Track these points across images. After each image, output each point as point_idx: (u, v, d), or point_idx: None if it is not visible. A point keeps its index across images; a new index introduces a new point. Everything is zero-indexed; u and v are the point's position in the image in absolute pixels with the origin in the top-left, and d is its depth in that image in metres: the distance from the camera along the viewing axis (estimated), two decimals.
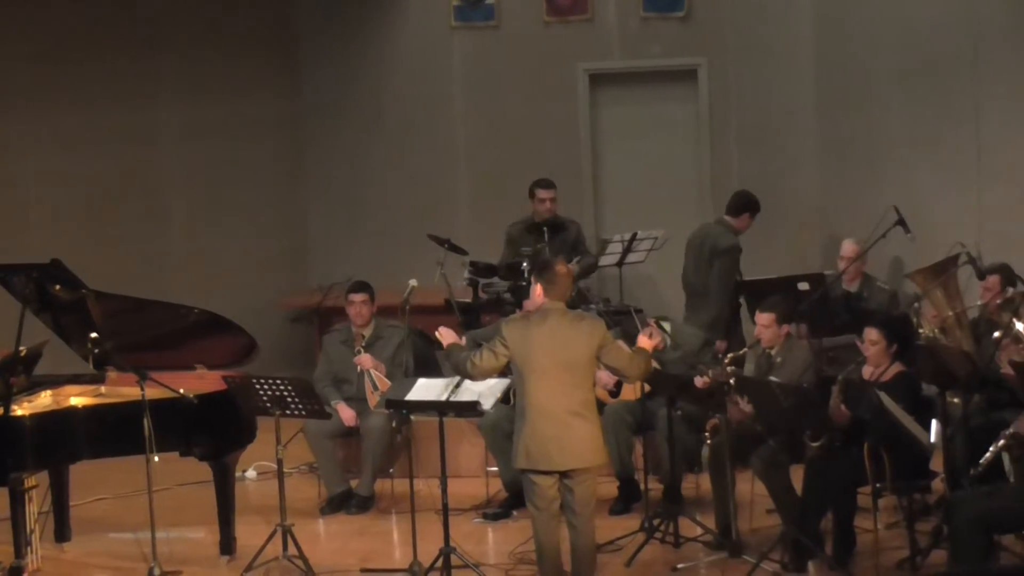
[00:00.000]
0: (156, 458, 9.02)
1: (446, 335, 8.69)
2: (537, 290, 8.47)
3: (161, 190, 14.19)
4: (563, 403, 8.26)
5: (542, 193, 12.46)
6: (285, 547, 9.31)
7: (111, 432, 9.31)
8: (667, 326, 10.50)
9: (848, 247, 11.55)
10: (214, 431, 9.57)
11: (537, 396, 8.28)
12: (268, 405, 9.34)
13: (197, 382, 9.68)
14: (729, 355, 9.95)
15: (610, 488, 10.41)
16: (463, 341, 8.85)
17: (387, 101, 14.71)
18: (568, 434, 8.25)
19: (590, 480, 8.38)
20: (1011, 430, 8.36)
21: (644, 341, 8.69)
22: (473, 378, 8.57)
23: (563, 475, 8.33)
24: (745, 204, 12.20)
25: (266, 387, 9.33)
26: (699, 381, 9.68)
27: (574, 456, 8.27)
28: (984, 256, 10.99)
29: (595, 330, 8.39)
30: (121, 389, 9.61)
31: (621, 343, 8.99)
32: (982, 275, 10.39)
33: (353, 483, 10.88)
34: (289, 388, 9.34)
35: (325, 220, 14.92)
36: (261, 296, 14.07)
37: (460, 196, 14.68)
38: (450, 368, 8.79)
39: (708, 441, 9.76)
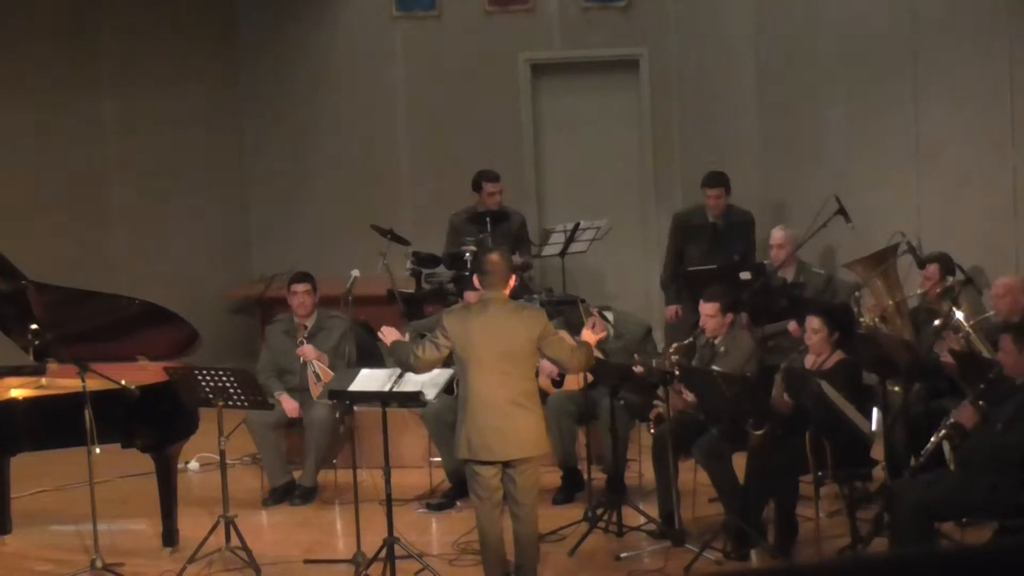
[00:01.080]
0: (98, 450, 8.97)
1: (388, 334, 8.69)
2: (475, 281, 8.49)
3: (101, 181, 14.10)
4: (504, 393, 8.26)
5: (489, 187, 12.44)
6: (228, 538, 9.28)
7: (52, 424, 9.26)
8: (610, 316, 10.54)
9: (778, 235, 11.58)
10: (156, 422, 9.52)
11: (478, 387, 8.29)
12: (210, 396, 9.30)
13: (139, 373, 9.63)
14: (674, 345, 9.99)
15: (553, 478, 10.43)
16: (406, 336, 8.83)
17: (328, 91, 14.68)
18: (509, 424, 8.26)
19: (532, 470, 8.39)
20: (951, 419, 8.42)
21: (588, 335, 8.71)
22: (417, 371, 8.56)
23: (505, 465, 8.33)
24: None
25: (208, 378, 9.29)
26: (636, 368, 9.71)
27: (515, 446, 8.28)
28: (923, 245, 11.07)
29: (535, 321, 8.39)
30: (62, 381, 9.57)
31: (564, 334, 9.00)
32: (922, 264, 10.46)
33: (296, 474, 10.86)
34: (231, 379, 9.30)
35: (267, 210, 14.87)
36: (203, 287, 14.03)
37: (402, 186, 14.66)
38: (395, 364, 8.77)
39: (651, 431, 9.79)
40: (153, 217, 14.28)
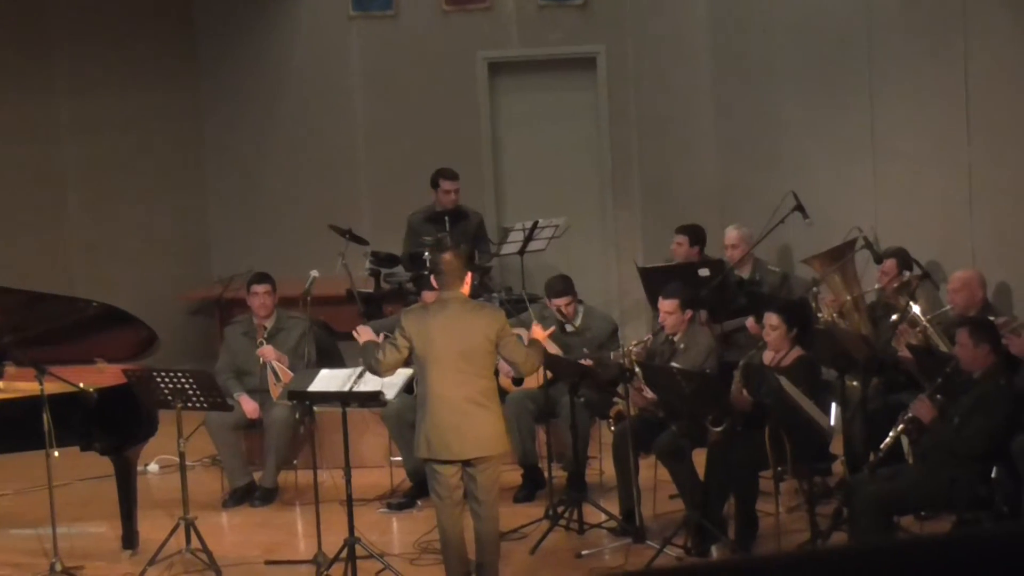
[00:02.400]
0: (56, 453, 8.94)
1: (363, 333, 8.72)
2: (432, 281, 8.51)
3: (58, 182, 14.04)
4: (463, 392, 8.27)
5: (447, 184, 12.44)
6: (188, 540, 9.26)
7: (10, 427, 9.21)
8: (581, 309, 10.53)
9: (732, 235, 11.61)
10: (115, 425, 9.49)
11: (437, 385, 8.29)
12: (169, 398, 9.28)
13: (97, 376, 9.59)
14: (634, 342, 10.02)
15: (514, 476, 10.44)
16: (380, 337, 8.83)
17: (286, 92, 14.65)
18: (468, 423, 8.27)
19: (492, 468, 8.40)
20: (910, 414, 8.46)
21: (537, 331, 8.74)
22: (382, 375, 8.56)
23: (465, 463, 8.34)
24: None
25: (167, 380, 9.27)
26: (585, 361, 9.74)
27: (475, 445, 8.29)
28: (880, 240, 11.12)
29: (494, 320, 8.40)
30: (20, 384, 9.52)
31: (522, 332, 9.01)
32: (879, 259, 10.51)
33: (256, 475, 10.84)
34: (190, 381, 9.28)
35: (225, 211, 14.84)
36: (161, 289, 13.98)
37: (360, 186, 14.64)
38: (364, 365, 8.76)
39: (612, 428, 9.81)
40: (111, 219, 14.22)
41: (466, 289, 8.49)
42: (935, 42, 11.13)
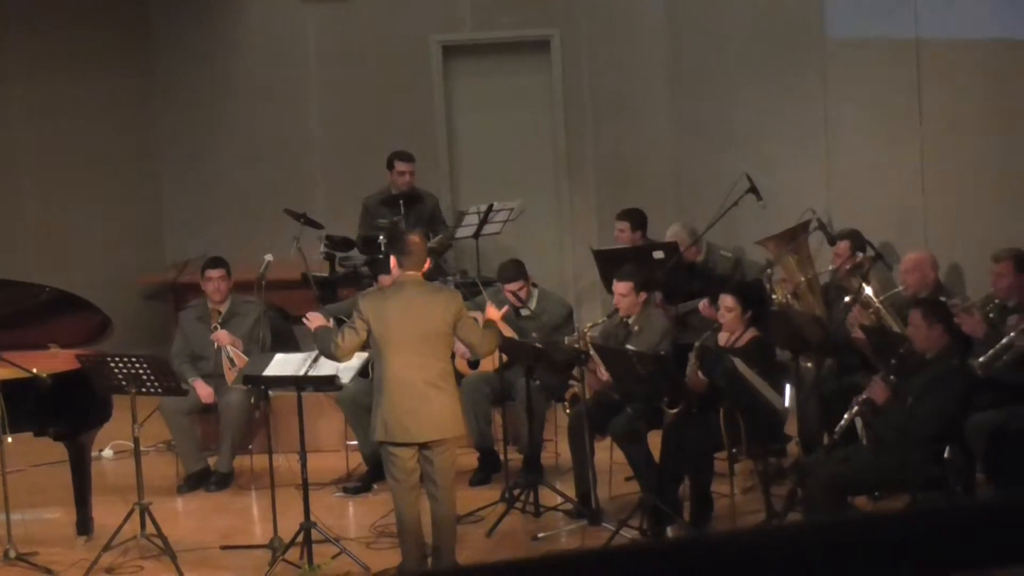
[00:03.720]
0: (10, 439, 8.91)
1: (313, 319, 8.71)
2: (392, 263, 8.49)
3: (10, 167, 13.93)
4: (421, 375, 8.27)
5: (401, 166, 12.43)
6: (143, 526, 9.22)
7: None
8: (535, 292, 10.54)
9: (673, 233, 11.61)
10: (69, 410, 9.45)
11: (394, 368, 8.29)
12: (123, 383, 9.24)
13: (50, 361, 9.55)
14: (589, 324, 10.03)
15: (470, 459, 10.44)
16: (330, 322, 8.81)
17: (240, 75, 14.59)
18: (426, 406, 8.27)
19: (449, 451, 8.41)
20: (864, 396, 8.50)
21: (492, 312, 8.75)
22: (339, 359, 8.55)
23: (422, 447, 8.34)
24: None
25: (121, 365, 9.23)
26: (539, 344, 9.76)
27: (432, 427, 8.30)
28: (834, 222, 11.16)
29: (451, 302, 8.41)
30: None
31: (477, 315, 9.02)
32: (832, 241, 10.54)
33: (211, 460, 10.81)
34: (144, 366, 9.25)
35: (179, 196, 14.78)
36: (115, 273, 13.91)
37: (315, 170, 14.60)
38: (319, 351, 8.74)
39: (567, 411, 9.82)
40: (64, 204, 14.13)
41: (421, 273, 8.50)
42: (887, 24, 11.16)
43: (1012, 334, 8.80)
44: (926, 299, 9.17)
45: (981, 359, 8.76)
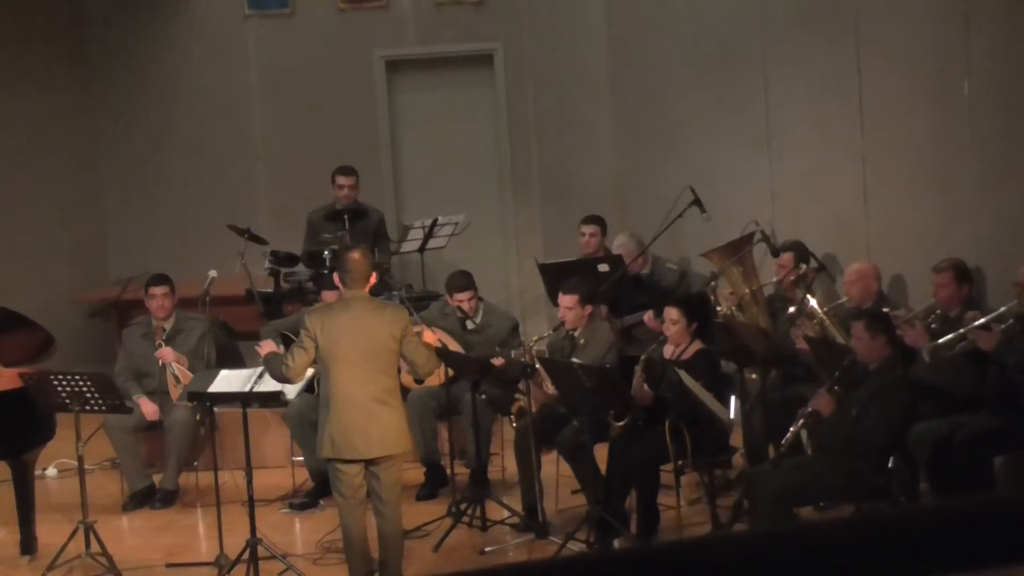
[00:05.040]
0: None
1: (265, 346, 8.73)
2: (336, 280, 8.50)
3: None
4: (367, 391, 8.26)
5: (340, 180, 12.43)
6: (88, 544, 9.18)
7: None
8: (481, 307, 10.55)
9: (621, 245, 11.66)
10: (11, 429, 9.39)
11: (341, 385, 8.28)
12: (67, 401, 9.20)
13: None
14: (535, 338, 10.04)
15: (416, 474, 10.43)
16: (281, 349, 8.80)
17: (182, 91, 14.55)
18: (372, 422, 8.26)
19: (395, 467, 8.41)
20: (809, 408, 8.54)
21: (429, 336, 8.77)
22: (293, 380, 8.54)
23: (369, 462, 8.33)
24: None
25: (64, 383, 9.18)
26: (496, 361, 9.76)
27: (379, 444, 8.29)
28: (777, 234, 11.22)
29: (398, 318, 8.42)
30: None
31: (424, 330, 9.02)
32: (776, 252, 10.59)
33: (156, 477, 10.76)
34: (88, 383, 9.20)
35: (122, 212, 14.71)
36: (58, 291, 13.83)
37: (259, 185, 14.57)
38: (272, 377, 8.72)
39: (514, 424, 9.82)
40: (4, 221, 14.04)
41: (367, 289, 8.49)
42: (828, 36, 11.23)
43: (965, 327, 8.85)
44: (869, 311, 9.23)
45: (931, 345, 8.81)
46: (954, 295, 9.30)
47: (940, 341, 8.88)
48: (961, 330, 8.87)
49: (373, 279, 8.55)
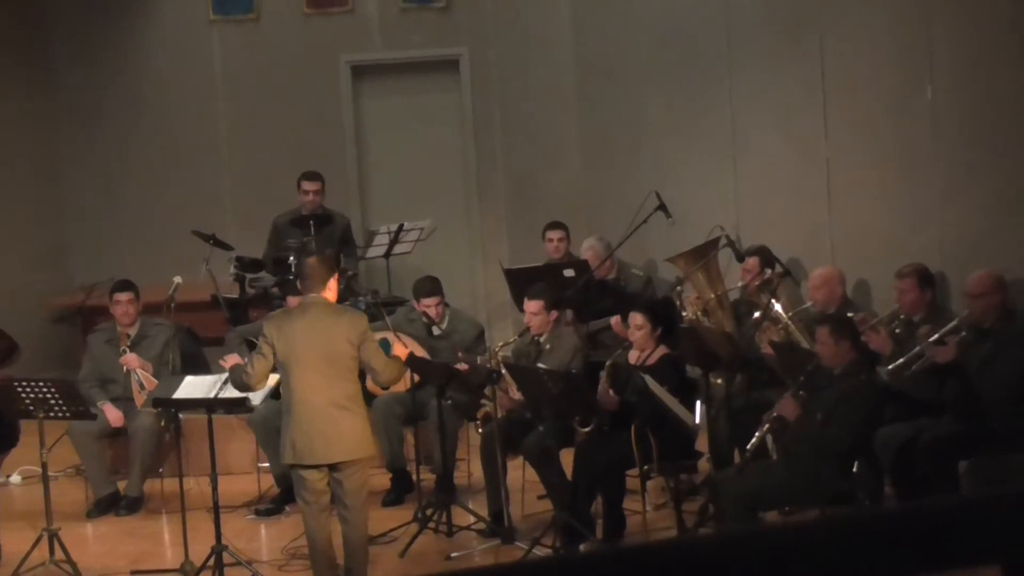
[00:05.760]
0: None
1: (230, 359, 8.75)
2: (297, 285, 8.51)
3: None
4: (326, 396, 8.25)
5: (306, 185, 12.42)
6: (52, 552, 9.13)
7: None
8: (447, 314, 10.55)
9: (588, 249, 11.67)
10: None
11: (300, 390, 8.27)
12: (31, 408, 9.16)
13: None
14: (500, 343, 10.04)
15: (382, 480, 10.42)
16: (245, 362, 8.81)
17: (147, 96, 14.50)
18: (333, 427, 8.25)
19: (359, 472, 8.39)
20: (774, 412, 8.56)
21: (399, 349, 8.77)
22: (255, 388, 8.52)
23: (332, 468, 8.32)
24: None
25: (28, 389, 9.15)
26: (460, 365, 9.76)
27: (340, 449, 8.28)
28: (742, 239, 11.25)
29: (356, 323, 8.40)
30: None
31: (388, 335, 9.00)
32: (741, 257, 10.61)
33: (121, 484, 10.72)
34: (52, 390, 9.17)
35: (86, 218, 14.66)
36: (21, 297, 13.77)
37: (224, 191, 14.54)
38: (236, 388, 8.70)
39: (479, 430, 9.82)
40: None
41: (330, 294, 8.47)
42: (792, 41, 11.27)
43: (921, 345, 8.89)
44: (833, 315, 9.25)
45: (890, 367, 8.85)
46: (917, 300, 9.33)
47: (898, 362, 8.89)
48: (917, 348, 8.90)
49: (333, 282, 8.52)
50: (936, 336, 8.87)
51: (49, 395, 9.16)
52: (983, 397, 8.70)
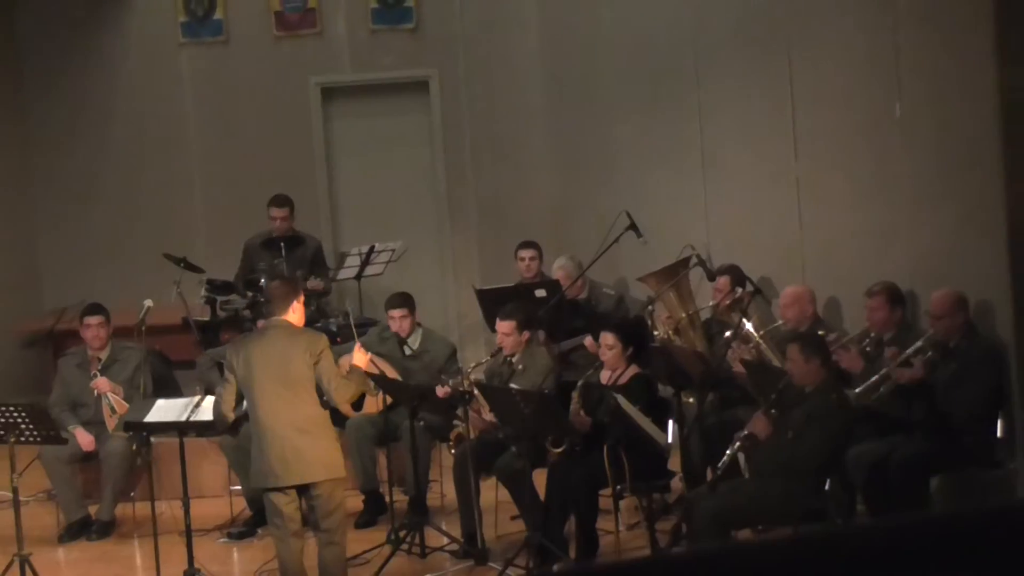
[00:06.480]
0: None
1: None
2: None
3: None
4: (286, 419, 8.26)
5: (273, 211, 12.43)
6: None
7: None
8: (418, 334, 10.56)
9: (560, 268, 11.68)
10: None
11: (260, 414, 8.29)
12: (1, 432, 9.12)
13: None
14: (472, 364, 10.04)
15: (355, 502, 10.39)
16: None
17: (117, 120, 14.47)
18: (292, 451, 8.27)
19: (328, 494, 8.38)
20: (746, 431, 8.57)
21: (358, 357, 8.74)
22: (228, 416, 8.50)
23: (303, 492, 8.31)
24: None
25: None
26: (440, 391, 9.75)
27: (300, 471, 8.28)
28: (713, 257, 11.27)
29: (312, 344, 8.38)
30: None
31: (346, 359, 8.97)
32: (712, 276, 10.64)
33: (93, 508, 10.68)
34: (23, 414, 9.14)
35: (56, 242, 14.61)
36: None
37: (195, 214, 14.51)
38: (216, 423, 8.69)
39: (452, 451, 9.82)
40: None
41: (295, 316, 8.46)
42: (761, 60, 11.30)
43: (887, 368, 8.92)
44: (803, 334, 9.27)
45: (858, 390, 8.88)
46: (887, 318, 9.36)
47: (867, 383, 8.92)
48: (884, 370, 8.93)
49: (298, 304, 8.51)
50: (902, 357, 8.91)
51: (20, 420, 9.12)
52: (952, 414, 8.74)
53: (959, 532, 2.54)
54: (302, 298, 8.63)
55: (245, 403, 8.67)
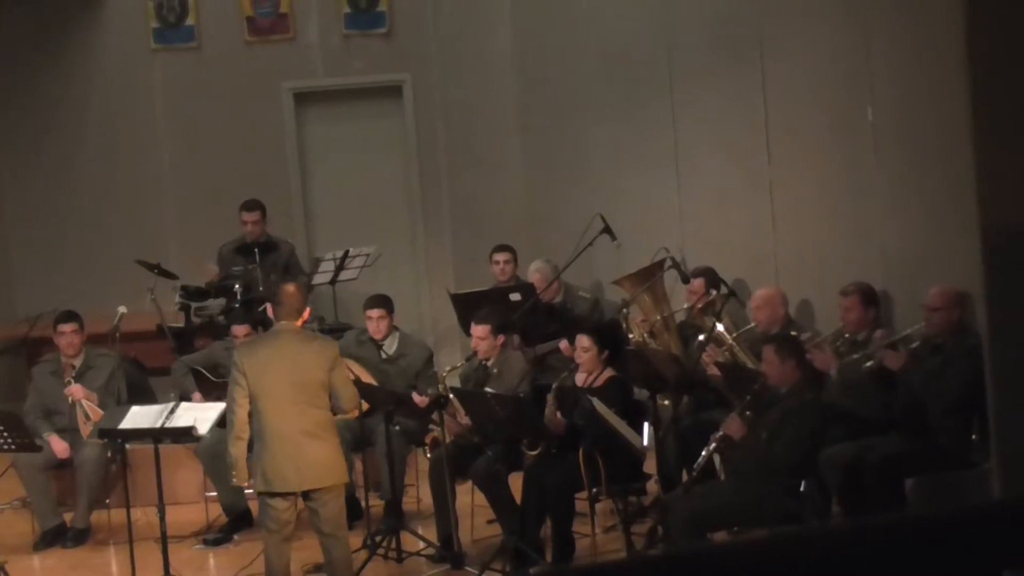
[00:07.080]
0: None
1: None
2: (268, 311, 8.51)
3: None
4: (297, 424, 8.25)
5: (244, 216, 12.44)
6: None
7: None
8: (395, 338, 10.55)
9: (536, 272, 11.69)
10: None
11: (271, 418, 8.26)
12: None
13: None
14: (448, 368, 10.05)
15: None
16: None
17: (89, 127, 14.43)
18: (303, 456, 8.25)
19: (333, 499, 8.41)
20: (720, 432, 8.59)
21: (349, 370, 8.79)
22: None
23: (305, 497, 8.32)
24: None
25: None
26: (418, 399, 9.76)
27: (311, 477, 8.28)
28: (688, 260, 11.28)
29: (327, 350, 8.41)
30: None
31: (353, 364, 9.02)
32: (686, 279, 10.65)
33: (68, 516, 10.65)
34: None
35: (29, 249, 14.55)
36: None
37: (168, 220, 14.47)
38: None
39: (428, 455, 9.82)
40: None
41: (300, 323, 8.48)
42: (734, 63, 11.33)
43: (874, 347, 8.95)
44: (778, 335, 9.29)
45: (841, 361, 8.91)
46: (861, 318, 9.38)
47: (849, 359, 8.96)
48: (870, 348, 8.96)
49: (306, 314, 8.55)
50: (890, 339, 8.92)
51: None
52: (928, 411, 8.75)
53: (934, 533, 2.55)
54: (308, 309, 8.68)
55: (214, 409, 8.68)
